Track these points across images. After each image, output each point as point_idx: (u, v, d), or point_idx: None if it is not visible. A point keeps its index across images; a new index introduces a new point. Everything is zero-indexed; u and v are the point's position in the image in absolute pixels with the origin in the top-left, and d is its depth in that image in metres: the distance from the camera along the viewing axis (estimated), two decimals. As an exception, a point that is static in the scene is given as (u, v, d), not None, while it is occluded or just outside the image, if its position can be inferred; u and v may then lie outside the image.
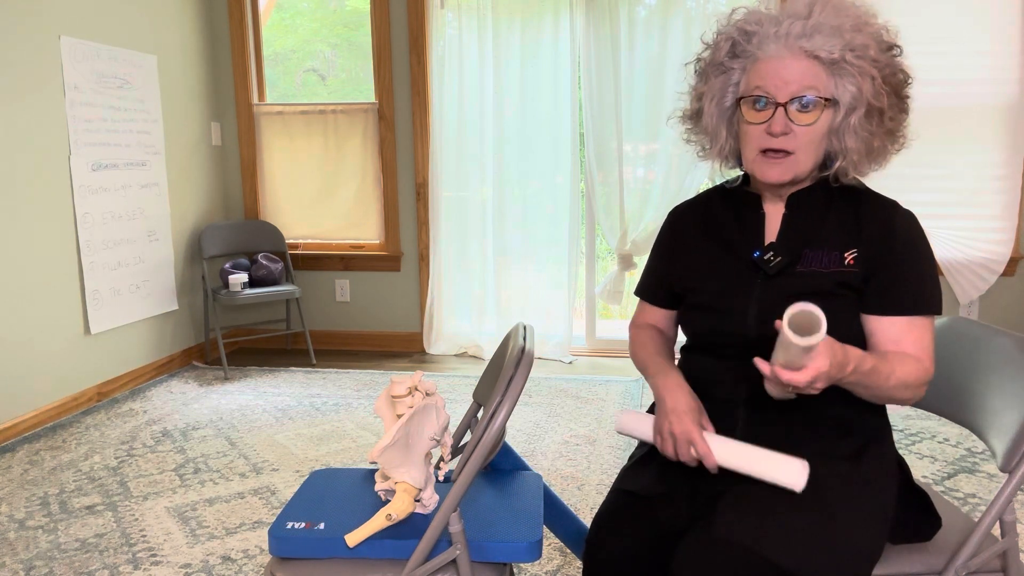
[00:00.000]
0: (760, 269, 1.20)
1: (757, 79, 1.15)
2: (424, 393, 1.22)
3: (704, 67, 1.25)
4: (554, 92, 3.91)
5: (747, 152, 1.19)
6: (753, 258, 1.21)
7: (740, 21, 1.19)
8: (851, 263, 1.15)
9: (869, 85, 1.12)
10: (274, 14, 4.39)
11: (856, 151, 1.16)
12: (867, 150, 1.16)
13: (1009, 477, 1.14)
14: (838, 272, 1.15)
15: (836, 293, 1.15)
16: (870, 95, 1.12)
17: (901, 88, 1.17)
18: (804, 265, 1.17)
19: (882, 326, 1.15)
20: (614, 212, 3.95)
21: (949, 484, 2.46)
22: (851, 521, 1.08)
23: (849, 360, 1.01)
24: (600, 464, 2.64)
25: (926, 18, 3.59)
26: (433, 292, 4.16)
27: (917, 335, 1.14)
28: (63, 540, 2.14)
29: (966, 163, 3.66)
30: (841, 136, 1.16)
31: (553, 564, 1.97)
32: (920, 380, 1.12)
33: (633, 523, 1.18)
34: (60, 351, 3.18)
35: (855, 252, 1.16)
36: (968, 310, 3.81)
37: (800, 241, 1.19)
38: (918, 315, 1.14)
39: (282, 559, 1.18)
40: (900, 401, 1.13)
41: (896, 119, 1.17)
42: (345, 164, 4.23)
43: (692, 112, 1.29)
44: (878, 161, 1.20)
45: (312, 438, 2.93)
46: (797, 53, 1.13)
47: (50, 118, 3.10)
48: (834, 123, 1.15)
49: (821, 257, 1.17)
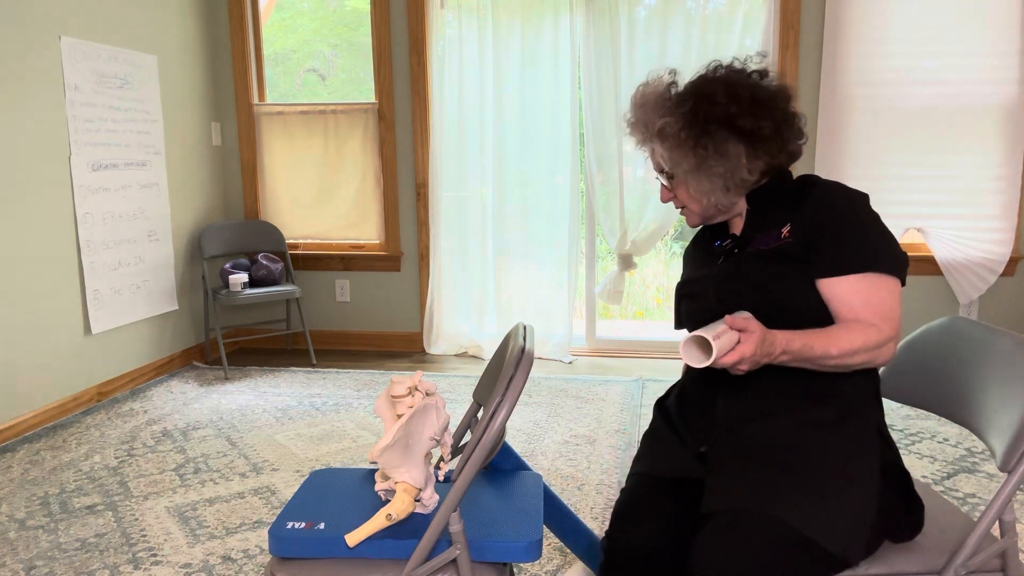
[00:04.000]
0: (721, 255, 1.35)
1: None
2: (424, 393, 1.22)
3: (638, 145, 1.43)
4: (554, 92, 3.91)
5: None
6: (714, 247, 1.38)
7: (626, 112, 1.39)
8: (786, 235, 1.26)
9: (676, 133, 1.27)
10: (274, 14, 4.39)
11: (722, 182, 1.28)
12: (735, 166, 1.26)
13: (1008, 477, 1.15)
14: (776, 247, 1.26)
15: (778, 264, 1.24)
16: (685, 138, 1.26)
17: (713, 106, 1.26)
18: (752, 246, 1.30)
19: (832, 289, 1.20)
20: (614, 212, 3.95)
21: (949, 484, 2.46)
22: (836, 485, 1.15)
23: (776, 343, 1.11)
24: (600, 464, 2.64)
25: (926, 18, 3.59)
26: (433, 292, 4.16)
27: (867, 296, 1.18)
28: (63, 540, 2.14)
29: (966, 163, 3.66)
30: (699, 183, 1.29)
31: (553, 564, 1.97)
32: (874, 342, 1.16)
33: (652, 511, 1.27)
34: (60, 351, 3.18)
35: (788, 226, 1.26)
36: (968, 310, 3.81)
37: (754, 230, 1.32)
38: (864, 272, 1.19)
39: (282, 559, 1.19)
40: (859, 366, 1.18)
41: (744, 117, 1.25)
42: (345, 164, 4.23)
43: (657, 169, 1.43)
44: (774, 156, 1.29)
45: (312, 438, 2.93)
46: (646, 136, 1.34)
47: (50, 118, 3.10)
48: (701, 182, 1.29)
49: (764, 238, 1.29)
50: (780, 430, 1.21)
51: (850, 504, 1.13)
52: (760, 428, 1.22)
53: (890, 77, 3.66)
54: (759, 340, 1.08)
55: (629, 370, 3.85)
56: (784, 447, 1.19)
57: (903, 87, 3.66)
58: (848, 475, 1.16)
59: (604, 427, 3.01)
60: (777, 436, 1.21)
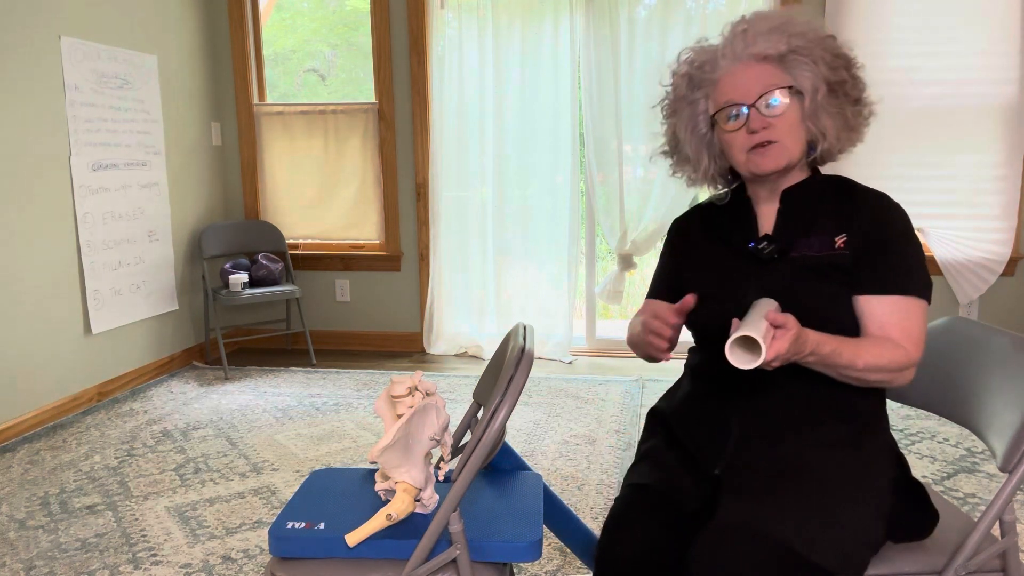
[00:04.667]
0: (755, 258, 1.27)
1: (722, 95, 1.25)
2: (424, 393, 1.22)
3: (671, 104, 1.35)
4: (554, 92, 3.91)
5: (736, 157, 1.26)
6: (748, 248, 1.28)
7: (689, 58, 1.30)
8: (841, 246, 1.21)
9: (822, 64, 1.21)
10: (274, 14, 4.39)
11: (833, 127, 1.24)
12: (843, 124, 1.24)
13: (1009, 477, 1.14)
14: (828, 255, 1.21)
15: (827, 275, 1.20)
16: (827, 72, 1.21)
17: (851, 64, 1.24)
18: (796, 251, 1.23)
19: (870, 306, 1.19)
20: (614, 212, 3.95)
21: (949, 484, 2.46)
22: (850, 506, 1.11)
23: (808, 342, 1.08)
24: (600, 464, 2.64)
25: (926, 18, 3.59)
26: (433, 292, 4.16)
27: (902, 317, 1.18)
28: (63, 540, 2.14)
29: (966, 163, 3.66)
30: (816, 119, 1.23)
31: (553, 564, 1.97)
32: (897, 364, 1.15)
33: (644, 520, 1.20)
34: (60, 351, 3.18)
35: (844, 237, 1.22)
36: (968, 310, 3.81)
37: (793, 231, 1.25)
38: (904, 295, 1.18)
39: (282, 559, 1.19)
40: (875, 383, 1.16)
41: (856, 87, 1.25)
42: (345, 164, 4.23)
43: (671, 146, 1.39)
44: (856, 133, 1.27)
45: (312, 438, 2.93)
46: (748, 61, 1.23)
47: (50, 118, 3.10)
48: (805, 109, 1.23)
49: (812, 243, 1.23)
50: (796, 448, 1.18)
51: (858, 526, 1.11)
52: (776, 446, 1.19)
53: (890, 77, 3.66)
54: (794, 338, 1.05)
55: (629, 370, 3.85)
56: (798, 465, 1.16)
57: (903, 87, 3.66)
58: (860, 495, 1.13)
59: (604, 427, 3.01)
60: (793, 454, 1.17)
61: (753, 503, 1.12)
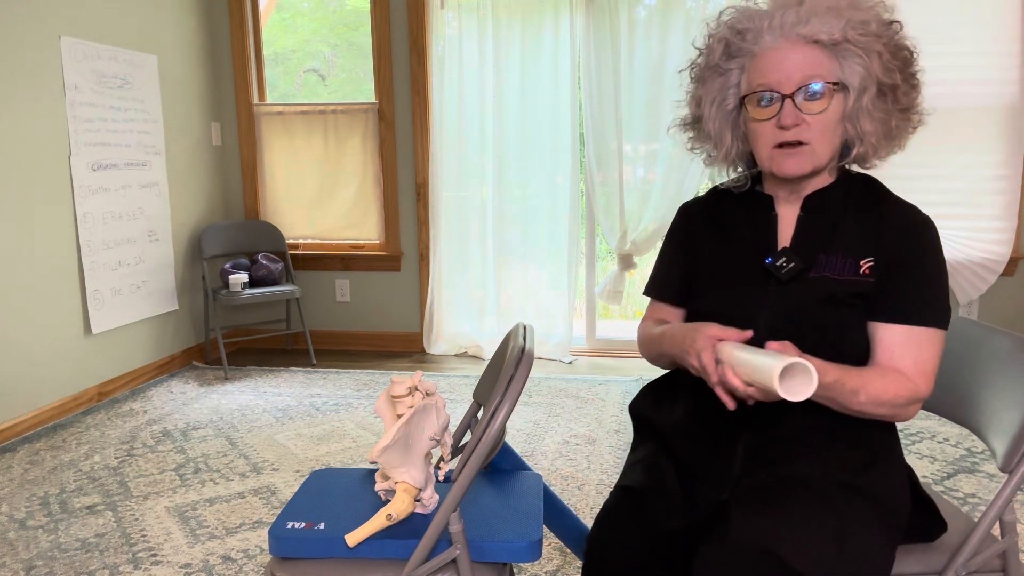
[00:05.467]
0: (771, 275, 1.15)
1: (758, 75, 1.11)
2: (424, 393, 1.22)
3: (700, 71, 1.20)
4: (554, 92, 3.91)
5: (760, 151, 1.14)
6: (765, 264, 1.16)
7: (731, 20, 1.15)
8: (867, 272, 1.11)
9: (877, 62, 1.08)
10: (274, 14, 4.39)
11: (874, 134, 1.11)
12: (885, 132, 1.12)
13: (1009, 477, 1.14)
14: (852, 281, 1.10)
15: (848, 303, 1.10)
16: (879, 73, 1.08)
17: (909, 63, 1.11)
18: (817, 270, 1.13)
19: (882, 334, 1.11)
20: (614, 212, 3.95)
21: (949, 484, 2.46)
22: (863, 532, 1.05)
23: None
24: (600, 464, 2.64)
25: (926, 18, 3.59)
26: (433, 292, 4.16)
27: (914, 349, 1.09)
28: (63, 540, 2.14)
29: (966, 163, 3.66)
30: (856, 120, 1.11)
31: (553, 564, 1.97)
32: (902, 399, 1.07)
33: (632, 521, 1.16)
34: (60, 351, 3.18)
35: (871, 261, 1.11)
36: (968, 310, 3.81)
37: (815, 246, 1.14)
38: (919, 326, 1.09)
39: (282, 559, 1.19)
40: (878, 417, 1.09)
41: (909, 95, 1.12)
42: (345, 164, 4.23)
43: (692, 119, 1.25)
44: (897, 142, 1.15)
45: (312, 438, 2.93)
46: (796, 41, 1.08)
47: (50, 118, 3.10)
48: (847, 108, 1.10)
49: (835, 263, 1.12)
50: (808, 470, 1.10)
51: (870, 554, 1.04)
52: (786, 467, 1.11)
53: (890, 77, 3.66)
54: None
55: (629, 370, 3.85)
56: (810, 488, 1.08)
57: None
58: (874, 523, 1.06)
59: (604, 427, 3.01)
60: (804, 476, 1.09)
61: (765, 523, 1.04)
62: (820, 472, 1.09)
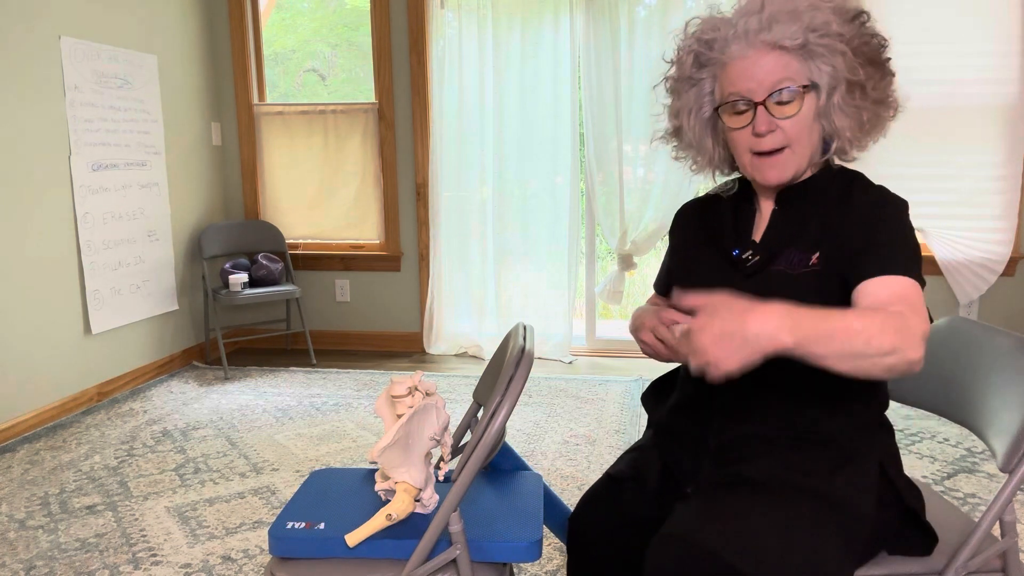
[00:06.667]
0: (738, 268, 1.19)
1: (729, 84, 1.13)
2: (424, 393, 1.22)
3: (674, 84, 1.23)
4: (554, 92, 3.91)
5: (740, 157, 1.17)
6: (732, 256, 1.20)
7: (697, 31, 1.17)
8: (815, 263, 1.12)
9: (841, 61, 1.09)
10: (274, 14, 4.39)
11: (848, 128, 1.13)
12: (859, 125, 1.14)
13: (1009, 477, 1.14)
14: (803, 274, 1.12)
15: (803, 294, 1.10)
16: (845, 71, 1.09)
17: (878, 54, 1.12)
18: (777, 264, 1.15)
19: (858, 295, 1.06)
20: (614, 212, 3.95)
21: (949, 484, 2.46)
22: (813, 536, 1.02)
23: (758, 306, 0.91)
24: (600, 464, 2.64)
25: (926, 18, 3.59)
26: (433, 292, 4.16)
27: (896, 287, 1.03)
28: (63, 540, 2.14)
29: (966, 163, 3.66)
30: (829, 117, 1.13)
31: (553, 564, 1.97)
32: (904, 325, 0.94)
33: (610, 506, 1.25)
34: (60, 351, 3.18)
35: (818, 254, 1.12)
36: (968, 310, 3.81)
37: (782, 239, 1.17)
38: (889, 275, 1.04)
39: (282, 559, 1.18)
40: (890, 353, 0.93)
41: (879, 87, 1.13)
42: (345, 164, 4.23)
43: (673, 130, 1.28)
44: (875, 132, 1.16)
45: (312, 438, 2.93)
46: (761, 48, 1.10)
47: (50, 118, 3.10)
48: (819, 106, 1.12)
49: (793, 257, 1.14)
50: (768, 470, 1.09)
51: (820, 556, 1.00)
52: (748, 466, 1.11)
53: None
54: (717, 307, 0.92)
55: (629, 370, 3.85)
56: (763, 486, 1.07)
57: (903, 87, 3.65)
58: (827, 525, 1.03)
59: (604, 427, 3.01)
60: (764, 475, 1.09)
61: (700, 514, 1.04)
62: (782, 473, 1.09)
